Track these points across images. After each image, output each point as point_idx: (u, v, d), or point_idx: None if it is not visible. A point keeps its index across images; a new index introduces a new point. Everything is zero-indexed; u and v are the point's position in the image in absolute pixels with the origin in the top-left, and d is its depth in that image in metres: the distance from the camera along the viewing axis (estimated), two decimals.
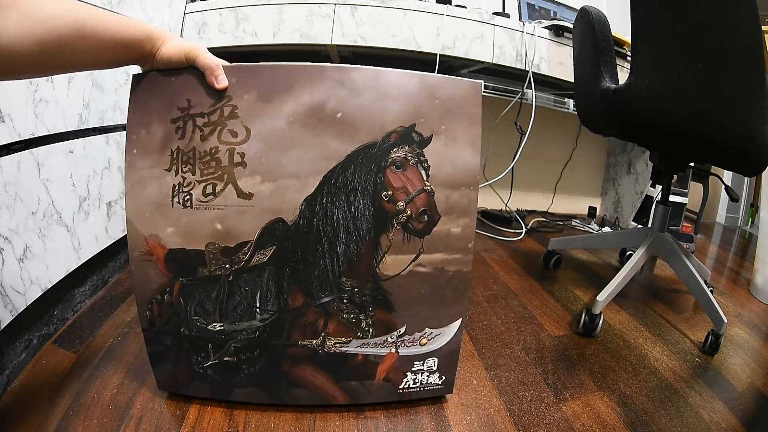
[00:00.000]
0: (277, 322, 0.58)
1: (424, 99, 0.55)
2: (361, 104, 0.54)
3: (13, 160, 0.62)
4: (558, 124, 1.98)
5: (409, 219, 0.57)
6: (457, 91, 0.56)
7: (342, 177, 0.55)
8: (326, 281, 0.58)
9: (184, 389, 0.62)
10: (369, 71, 0.55)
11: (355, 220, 0.56)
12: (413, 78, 0.55)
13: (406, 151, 0.56)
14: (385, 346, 0.61)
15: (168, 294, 0.57)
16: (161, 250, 0.56)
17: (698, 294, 0.97)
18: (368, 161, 0.56)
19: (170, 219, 0.55)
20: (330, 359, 0.60)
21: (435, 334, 0.62)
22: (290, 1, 1.25)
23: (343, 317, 0.59)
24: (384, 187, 0.56)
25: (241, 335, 0.59)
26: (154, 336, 0.59)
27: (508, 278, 1.21)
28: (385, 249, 0.58)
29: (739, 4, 0.72)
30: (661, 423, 0.67)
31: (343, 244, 0.57)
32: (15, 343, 0.66)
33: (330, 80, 0.54)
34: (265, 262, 0.57)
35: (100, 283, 0.94)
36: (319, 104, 0.54)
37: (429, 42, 1.31)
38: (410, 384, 0.64)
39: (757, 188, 2.33)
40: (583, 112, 1.17)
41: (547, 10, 1.74)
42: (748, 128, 0.78)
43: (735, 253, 1.84)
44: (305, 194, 0.55)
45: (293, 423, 0.60)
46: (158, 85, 0.54)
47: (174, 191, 0.54)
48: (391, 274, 0.59)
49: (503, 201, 1.84)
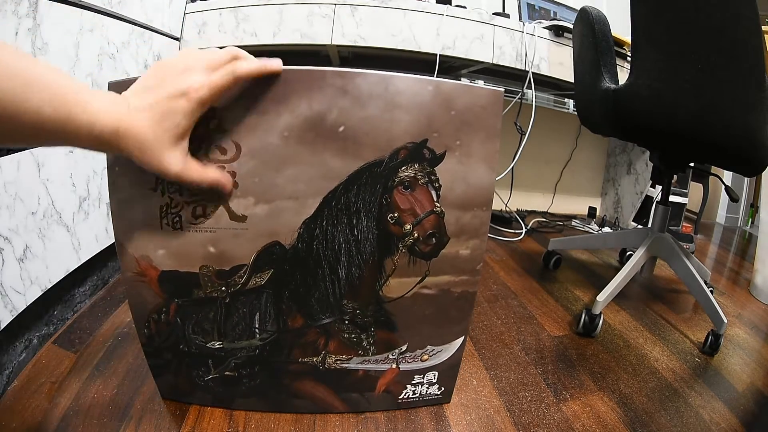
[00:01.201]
0: (276, 341, 0.56)
1: (439, 110, 0.49)
2: (366, 116, 0.48)
3: (13, 160, 0.62)
4: (558, 124, 1.98)
5: (416, 242, 0.53)
6: (475, 101, 0.50)
7: (344, 198, 0.51)
8: (327, 304, 0.55)
9: (186, 398, 0.61)
10: (376, 77, 0.48)
11: (357, 243, 0.53)
12: (427, 85, 0.49)
13: (415, 170, 0.51)
14: (386, 363, 0.60)
15: (164, 314, 0.54)
16: (153, 271, 0.52)
17: (698, 294, 0.97)
18: (374, 181, 0.51)
19: (160, 241, 0.51)
20: (330, 374, 0.59)
21: (437, 351, 0.61)
22: (290, 2, 1.25)
23: (344, 336, 0.57)
24: (390, 209, 0.52)
25: (240, 352, 0.56)
26: (153, 351, 0.57)
27: (508, 278, 1.21)
28: (389, 272, 0.54)
29: (739, 4, 0.72)
30: (661, 423, 0.67)
31: (344, 268, 0.53)
32: (15, 343, 0.66)
33: (331, 87, 0.47)
34: (263, 285, 0.53)
35: (100, 283, 0.94)
36: (318, 116, 0.48)
37: (429, 42, 1.31)
38: (409, 395, 0.63)
39: (757, 188, 2.33)
40: (583, 112, 1.17)
41: (547, 11, 1.74)
42: (748, 128, 0.78)
43: (735, 254, 1.84)
44: (304, 216, 0.51)
45: (293, 424, 0.60)
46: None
47: (162, 212, 0.50)
48: (394, 297, 0.56)
49: (503, 201, 1.84)
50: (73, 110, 0.34)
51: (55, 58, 0.70)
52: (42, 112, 0.32)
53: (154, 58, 1.07)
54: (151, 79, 0.41)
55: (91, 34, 0.80)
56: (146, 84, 0.41)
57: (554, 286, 1.19)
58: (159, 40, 1.09)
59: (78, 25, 0.77)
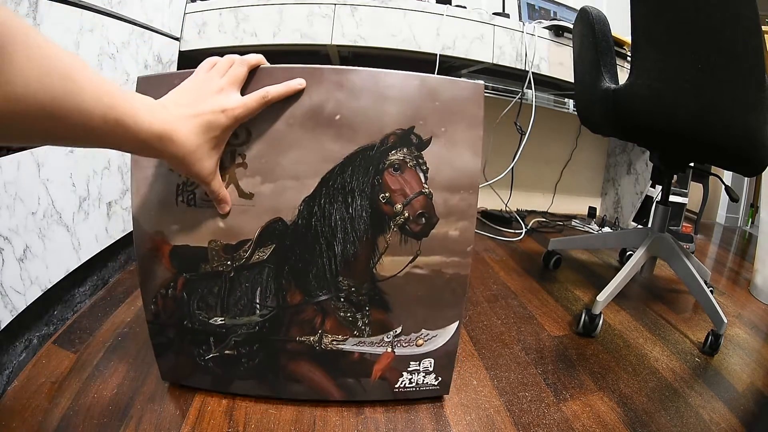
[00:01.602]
0: (276, 317, 0.59)
1: (424, 101, 0.55)
2: (359, 106, 0.54)
3: (13, 160, 0.62)
4: (558, 124, 1.98)
5: (407, 221, 0.57)
6: (457, 93, 0.56)
7: (340, 179, 0.55)
8: (324, 280, 0.58)
9: (186, 380, 0.63)
10: (367, 73, 0.54)
11: (352, 221, 0.57)
12: (413, 80, 0.55)
13: (404, 154, 0.56)
14: (381, 346, 0.62)
15: (172, 288, 0.59)
16: (166, 246, 0.57)
17: (698, 294, 0.98)
18: (366, 163, 0.56)
19: (175, 217, 0.56)
20: (327, 356, 0.61)
21: (431, 336, 0.62)
22: (290, 2, 1.25)
23: (340, 315, 0.60)
24: (381, 189, 0.56)
25: (241, 329, 0.60)
26: (158, 328, 0.61)
27: (508, 278, 1.21)
28: (382, 250, 0.58)
29: (739, 4, 0.72)
30: (661, 423, 0.67)
31: (340, 245, 0.57)
32: (15, 343, 0.66)
33: (328, 82, 0.54)
34: (265, 260, 0.57)
35: (100, 283, 0.94)
36: (317, 106, 0.54)
37: (429, 42, 1.31)
38: (406, 384, 0.64)
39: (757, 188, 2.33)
40: (583, 112, 1.17)
41: (547, 10, 1.74)
42: (748, 128, 0.78)
43: (735, 254, 1.85)
44: (304, 195, 0.56)
45: (293, 423, 0.60)
46: (163, 86, 0.54)
47: (178, 190, 0.56)
48: (387, 275, 0.59)
49: (503, 201, 1.84)
50: (124, 114, 0.36)
51: None
52: (94, 114, 0.33)
53: (154, 58, 1.07)
54: (189, 95, 0.46)
55: (91, 34, 0.80)
56: (184, 99, 0.46)
57: (554, 286, 1.19)
58: (159, 40, 1.09)
59: (78, 25, 0.77)
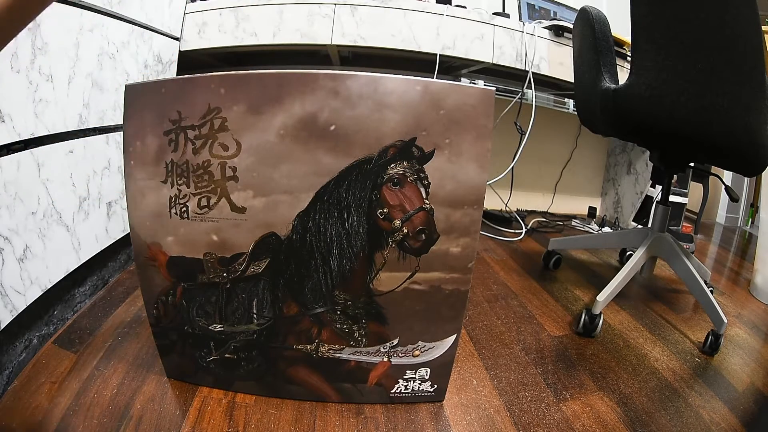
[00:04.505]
0: (272, 327, 0.59)
1: (427, 109, 0.50)
2: (356, 115, 0.51)
3: (13, 160, 0.62)
4: (558, 124, 1.98)
5: (406, 237, 0.55)
6: (465, 101, 0.51)
7: (335, 193, 0.53)
8: (319, 294, 0.58)
9: (189, 378, 0.65)
10: (365, 78, 0.50)
11: (348, 236, 0.55)
12: (415, 85, 0.50)
13: (404, 167, 0.53)
14: (377, 355, 0.61)
15: (172, 296, 0.59)
16: (163, 256, 0.57)
17: (698, 294, 0.97)
18: (363, 177, 0.53)
19: (169, 229, 0.56)
20: (323, 362, 0.61)
21: (428, 347, 0.62)
22: (290, 1, 1.25)
23: (336, 327, 0.59)
24: (379, 205, 0.54)
25: (239, 336, 0.60)
26: (161, 331, 0.61)
27: (508, 278, 1.21)
28: (380, 266, 0.56)
29: (739, 3, 0.72)
30: (661, 423, 0.67)
31: (336, 260, 0.56)
32: (15, 343, 0.66)
33: (323, 89, 0.50)
34: (260, 273, 0.57)
35: (100, 283, 0.94)
36: (311, 116, 0.50)
37: (429, 42, 1.30)
38: (402, 390, 0.64)
39: (757, 188, 2.33)
40: (583, 112, 1.17)
41: (547, 10, 1.74)
42: (748, 128, 0.78)
43: (735, 253, 1.84)
44: (298, 210, 0.54)
45: (293, 423, 0.60)
46: (150, 95, 0.53)
47: (171, 203, 0.55)
48: (385, 290, 0.57)
49: (503, 201, 1.84)
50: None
51: (55, 58, 0.70)
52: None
53: (154, 58, 1.07)
54: None
55: (91, 34, 0.80)
56: None
57: (554, 286, 1.19)
58: (159, 40, 1.09)
59: (78, 25, 0.77)
